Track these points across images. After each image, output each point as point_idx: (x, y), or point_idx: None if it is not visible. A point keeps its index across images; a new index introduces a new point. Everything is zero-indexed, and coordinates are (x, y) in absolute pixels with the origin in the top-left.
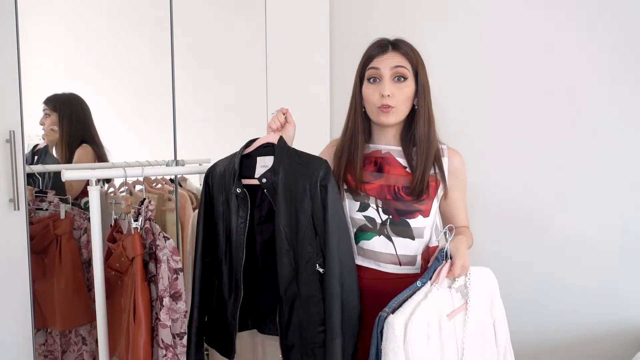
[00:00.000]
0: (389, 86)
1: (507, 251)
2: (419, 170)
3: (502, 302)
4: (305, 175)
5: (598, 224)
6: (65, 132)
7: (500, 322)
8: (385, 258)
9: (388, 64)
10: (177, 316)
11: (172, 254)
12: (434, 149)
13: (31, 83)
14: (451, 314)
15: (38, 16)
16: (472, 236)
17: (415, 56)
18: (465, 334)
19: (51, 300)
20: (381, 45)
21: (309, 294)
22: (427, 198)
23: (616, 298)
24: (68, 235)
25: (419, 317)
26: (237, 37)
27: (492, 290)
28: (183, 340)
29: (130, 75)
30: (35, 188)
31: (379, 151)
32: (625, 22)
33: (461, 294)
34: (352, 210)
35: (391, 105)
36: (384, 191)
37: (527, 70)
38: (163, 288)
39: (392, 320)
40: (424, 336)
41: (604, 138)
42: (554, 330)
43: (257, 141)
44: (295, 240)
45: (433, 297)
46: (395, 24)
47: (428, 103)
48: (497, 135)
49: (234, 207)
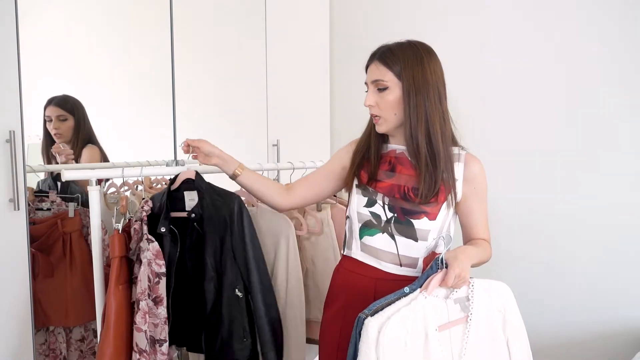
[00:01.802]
0: (370, 97)
1: (507, 251)
2: (422, 174)
3: (521, 321)
4: (224, 209)
5: (598, 224)
6: (82, 133)
7: (516, 342)
8: (387, 257)
9: (369, 79)
10: (157, 321)
11: (155, 257)
12: (436, 153)
13: (31, 83)
14: (444, 325)
15: (38, 16)
16: (487, 251)
17: (397, 62)
18: (465, 349)
19: (57, 298)
20: (370, 56)
21: (232, 316)
22: (435, 202)
23: (616, 298)
24: (78, 233)
25: (395, 323)
26: (237, 37)
27: (505, 306)
28: (163, 348)
29: (131, 75)
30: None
31: (394, 151)
32: (625, 22)
33: (461, 306)
34: (360, 205)
35: (377, 115)
36: (394, 190)
37: (527, 71)
38: (140, 291)
39: (368, 322)
40: (400, 343)
41: (605, 138)
42: (554, 330)
43: (179, 178)
44: (219, 267)
45: (418, 305)
46: (395, 25)
47: (417, 105)
48: (497, 135)
49: (167, 238)
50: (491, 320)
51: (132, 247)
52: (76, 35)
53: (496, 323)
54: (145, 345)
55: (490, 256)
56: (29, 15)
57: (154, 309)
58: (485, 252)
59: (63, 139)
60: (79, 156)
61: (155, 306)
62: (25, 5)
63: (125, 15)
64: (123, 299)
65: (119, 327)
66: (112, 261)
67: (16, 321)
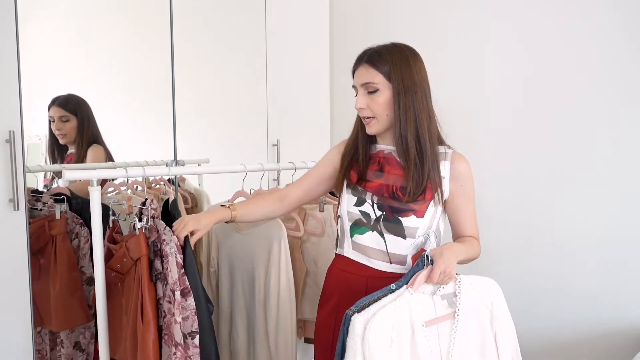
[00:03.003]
0: (361, 99)
1: (507, 251)
2: (410, 173)
3: (509, 317)
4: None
5: (598, 224)
6: (86, 133)
7: (504, 337)
8: (377, 254)
9: (358, 81)
10: (187, 314)
11: (177, 250)
12: (424, 151)
13: (31, 83)
14: (431, 321)
15: (38, 16)
16: (475, 248)
17: (386, 63)
18: (453, 345)
19: (47, 300)
20: (358, 58)
21: None
22: (423, 199)
23: (616, 298)
24: (63, 236)
25: (380, 319)
26: (237, 37)
27: (492, 302)
28: (195, 340)
29: (131, 75)
30: (32, 188)
31: (382, 151)
32: (625, 22)
33: (448, 302)
34: (350, 204)
35: (370, 117)
36: (382, 189)
37: (528, 71)
38: (173, 281)
39: (354, 318)
40: (386, 339)
41: (605, 138)
42: (554, 330)
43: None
44: None
45: (404, 301)
46: (394, 24)
47: (406, 106)
48: (497, 135)
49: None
50: (479, 315)
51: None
52: (76, 36)
53: (484, 318)
54: (180, 339)
55: (478, 253)
56: (29, 16)
57: (182, 302)
58: (474, 248)
59: (67, 139)
60: (84, 156)
61: (184, 298)
62: (25, 5)
63: (126, 15)
64: (155, 294)
65: (155, 321)
66: (141, 260)
67: (16, 321)
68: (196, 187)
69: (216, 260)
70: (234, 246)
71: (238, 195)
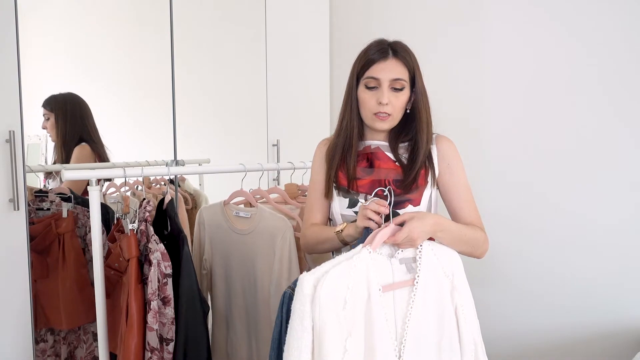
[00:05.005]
0: (387, 94)
1: (507, 250)
2: (413, 170)
3: (469, 290)
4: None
5: (598, 223)
6: (61, 131)
7: (464, 311)
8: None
9: (388, 76)
10: (165, 321)
11: (162, 258)
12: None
13: (31, 83)
14: (388, 286)
15: (38, 16)
16: (477, 233)
17: (412, 61)
18: (410, 314)
19: (55, 299)
20: (381, 49)
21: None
22: (416, 187)
23: (616, 298)
24: (71, 234)
25: (333, 277)
26: (237, 37)
27: (453, 272)
28: (169, 347)
29: (131, 75)
30: (35, 188)
31: (369, 147)
32: (626, 22)
33: (406, 267)
34: (342, 207)
35: (389, 113)
36: (375, 186)
37: (527, 71)
38: (151, 291)
39: (303, 277)
40: (340, 300)
41: (605, 137)
42: (554, 330)
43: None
44: None
45: (360, 259)
46: (395, 24)
47: (426, 106)
48: (497, 135)
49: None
50: (439, 285)
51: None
52: (76, 35)
53: (444, 289)
54: (156, 344)
55: (482, 241)
56: (29, 16)
57: (162, 309)
58: (474, 233)
59: (52, 138)
60: (66, 155)
61: (164, 306)
62: (25, 5)
63: (126, 15)
64: (141, 297)
65: (140, 323)
66: (130, 261)
67: (16, 321)
68: (195, 188)
69: (209, 262)
70: (230, 247)
71: (236, 195)
